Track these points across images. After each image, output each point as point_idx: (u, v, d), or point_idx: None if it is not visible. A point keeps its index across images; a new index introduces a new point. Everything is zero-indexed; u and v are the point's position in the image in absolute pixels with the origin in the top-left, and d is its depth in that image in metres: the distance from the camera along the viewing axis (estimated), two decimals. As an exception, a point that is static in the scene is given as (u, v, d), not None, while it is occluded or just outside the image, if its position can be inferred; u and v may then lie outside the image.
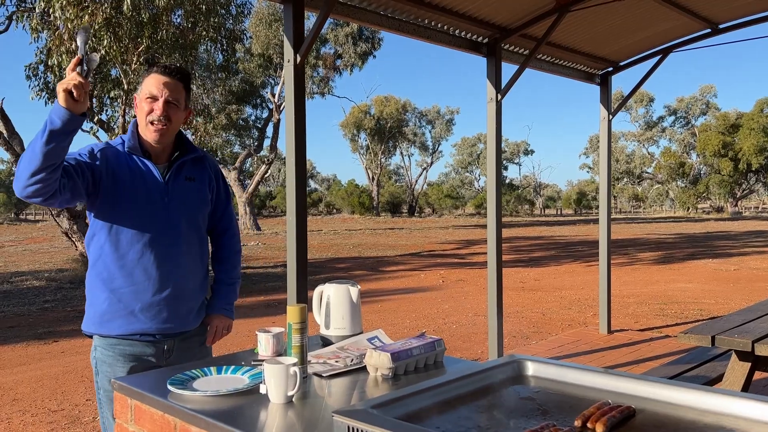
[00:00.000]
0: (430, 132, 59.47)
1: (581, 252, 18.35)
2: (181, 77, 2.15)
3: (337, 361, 1.97)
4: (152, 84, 2.09)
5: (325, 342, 2.20)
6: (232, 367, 1.87)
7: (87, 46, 1.82)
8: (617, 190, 64.08)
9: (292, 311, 1.79)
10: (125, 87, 10.07)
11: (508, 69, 6.87)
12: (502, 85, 5.10)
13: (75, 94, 1.73)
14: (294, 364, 1.60)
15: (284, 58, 3.66)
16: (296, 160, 3.61)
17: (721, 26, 5.73)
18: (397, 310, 8.75)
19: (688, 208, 56.00)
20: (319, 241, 22.42)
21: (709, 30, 5.75)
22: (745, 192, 55.73)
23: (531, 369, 1.73)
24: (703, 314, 8.00)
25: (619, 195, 66.16)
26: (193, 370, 1.83)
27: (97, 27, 7.87)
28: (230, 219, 2.42)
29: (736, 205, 56.27)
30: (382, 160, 56.52)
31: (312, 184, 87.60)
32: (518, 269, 13.90)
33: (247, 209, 28.02)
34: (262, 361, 1.99)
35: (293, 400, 1.61)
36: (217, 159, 31.58)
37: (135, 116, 2.18)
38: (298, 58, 3.63)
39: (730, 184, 52.25)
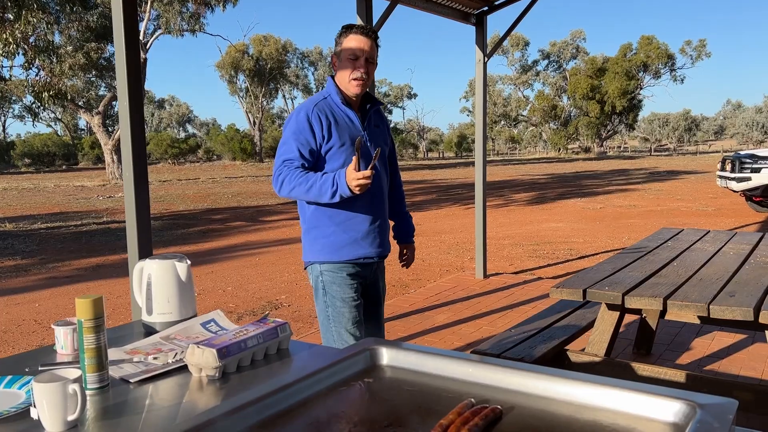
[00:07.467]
0: (313, 74, 58.02)
1: (461, 195, 18.74)
2: (375, 37, 2.42)
3: (156, 358, 1.59)
4: (354, 44, 2.38)
5: (148, 330, 1.81)
6: (9, 377, 1.44)
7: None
8: (495, 133, 66.43)
9: (83, 305, 1.38)
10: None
11: (380, 6, 6.48)
12: (374, 22, 4.71)
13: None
14: (76, 380, 1.21)
15: (110, -18, 3.06)
16: (130, 104, 3.08)
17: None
18: (276, 262, 8.37)
19: (559, 149, 59.29)
20: (195, 191, 21.28)
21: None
22: (609, 133, 59.74)
23: (386, 357, 1.46)
24: (572, 254, 8.32)
25: (497, 137, 68.68)
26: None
27: None
28: (396, 161, 2.81)
29: (601, 146, 60.30)
30: (264, 103, 54.57)
31: (189, 128, 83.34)
32: (400, 214, 13.88)
33: (114, 157, 25.92)
34: (56, 365, 1.58)
35: (78, 424, 1.23)
36: (79, 104, 28.86)
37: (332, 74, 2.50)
38: (127, -18, 3.04)
39: (596, 125, 55.74)
